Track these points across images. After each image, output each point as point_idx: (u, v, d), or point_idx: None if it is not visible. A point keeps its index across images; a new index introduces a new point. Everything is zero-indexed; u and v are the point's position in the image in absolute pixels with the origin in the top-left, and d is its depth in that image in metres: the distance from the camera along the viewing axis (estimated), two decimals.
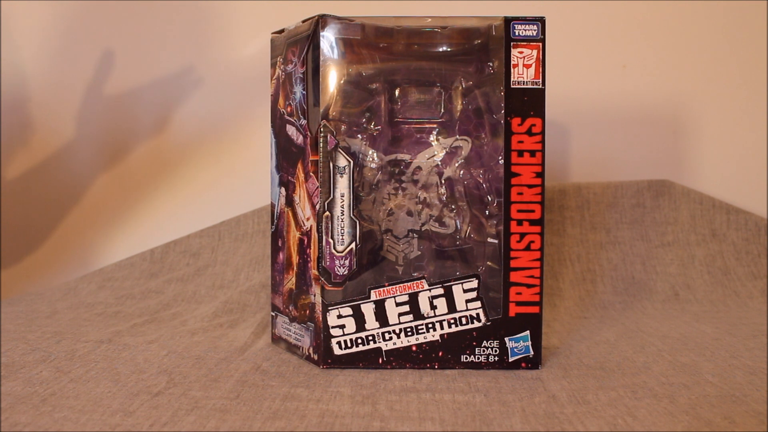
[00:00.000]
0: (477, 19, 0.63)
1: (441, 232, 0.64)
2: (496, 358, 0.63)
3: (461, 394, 0.57)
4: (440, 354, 0.63)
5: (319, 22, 0.62)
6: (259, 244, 1.00)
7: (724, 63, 1.07)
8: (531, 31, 0.62)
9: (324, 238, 0.62)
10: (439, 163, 0.64)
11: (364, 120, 0.63)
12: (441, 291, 0.63)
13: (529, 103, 0.62)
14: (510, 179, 0.62)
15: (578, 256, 1.00)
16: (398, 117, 0.64)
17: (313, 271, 0.63)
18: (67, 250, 1.10)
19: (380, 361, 0.63)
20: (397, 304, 0.63)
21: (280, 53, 0.69)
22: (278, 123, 0.70)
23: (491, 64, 0.63)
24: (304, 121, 0.64)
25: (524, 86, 0.62)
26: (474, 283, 0.63)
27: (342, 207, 0.62)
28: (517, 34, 0.62)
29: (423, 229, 0.64)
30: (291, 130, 0.67)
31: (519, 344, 0.63)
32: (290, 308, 0.68)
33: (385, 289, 0.63)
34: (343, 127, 0.62)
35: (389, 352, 0.63)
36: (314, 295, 0.64)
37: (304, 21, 0.64)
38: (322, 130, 0.62)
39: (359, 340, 0.63)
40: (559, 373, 0.63)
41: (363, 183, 0.63)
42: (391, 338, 0.63)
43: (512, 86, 0.62)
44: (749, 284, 0.96)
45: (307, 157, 0.64)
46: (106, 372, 0.62)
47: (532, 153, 0.62)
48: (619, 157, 1.08)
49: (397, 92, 0.64)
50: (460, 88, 0.63)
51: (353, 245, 0.63)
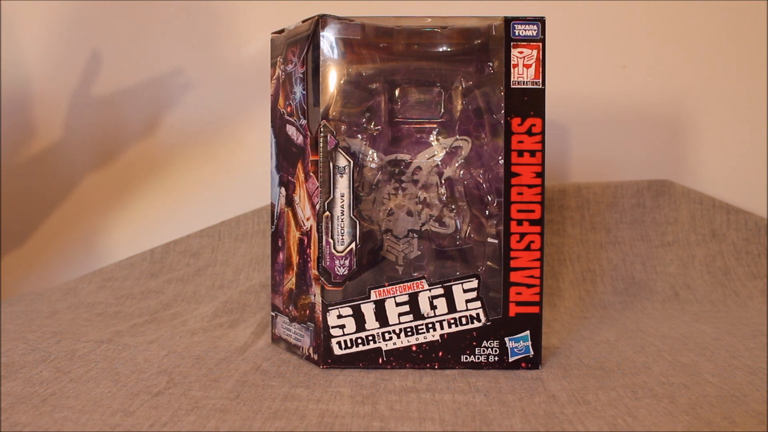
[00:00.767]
0: (477, 19, 0.63)
1: (441, 232, 0.64)
2: (496, 358, 0.63)
3: (461, 394, 0.57)
4: (440, 354, 0.63)
5: (319, 22, 0.62)
6: (259, 244, 1.00)
7: (724, 63, 1.07)
8: (531, 31, 0.62)
9: (324, 238, 0.62)
10: (439, 163, 0.64)
11: (364, 120, 0.63)
12: (441, 291, 0.63)
13: (529, 103, 0.62)
14: (510, 179, 0.62)
15: (578, 256, 1.00)
16: (398, 117, 0.64)
17: (313, 271, 0.63)
18: (67, 250, 1.10)
19: (380, 361, 0.63)
20: (397, 304, 0.63)
21: (280, 53, 0.69)
22: (278, 123, 0.70)
23: (491, 64, 0.63)
24: (304, 121, 0.64)
25: (524, 86, 0.62)
26: (474, 283, 0.63)
27: (342, 207, 0.62)
28: (517, 34, 0.62)
29: (423, 229, 0.64)
30: (291, 130, 0.67)
31: (519, 344, 0.63)
32: (290, 308, 0.68)
33: (385, 289, 0.63)
34: (343, 127, 0.62)
35: (389, 352, 0.63)
36: (314, 295, 0.64)
37: (304, 21, 0.64)
38: (322, 130, 0.62)
39: (359, 340, 0.63)
40: (559, 373, 0.63)
41: (363, 183, 0.63)
42: (391, 338, 0.63)
43: (512, 86, 0.62)
44: (749, 284, 0.96)
45: (307, 157, 0.64)
46: (106, 372, 0.62)
47: (532, 153, 0.62)
48: (619, 157, 1.08)
49: (397, 92, 0.64)
50: (460, 88, 0.63)
51: (353, 245, 0.63)
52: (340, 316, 0.63)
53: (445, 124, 0.64)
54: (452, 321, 0.63)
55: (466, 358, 0.63)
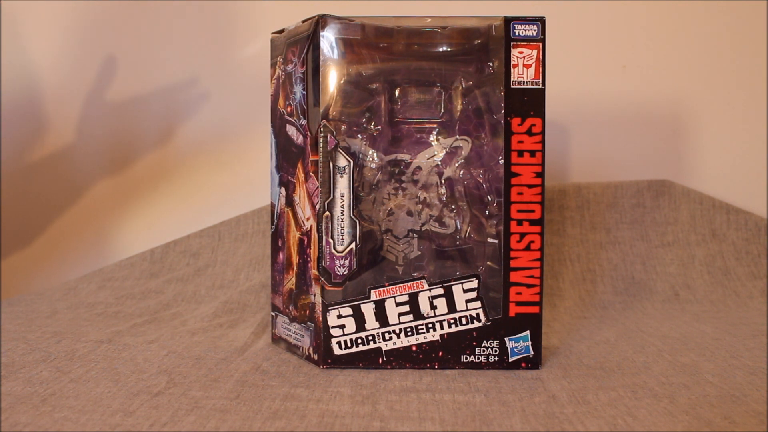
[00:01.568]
0: (477, 19, 0.63)
1: (441, 232, 0.64)
2: (496, 358, 0.63)
3: (461, 394, 0.57)
4: (440, 354, 0.63)
5: (319, 22, 0.62)
6: (259, 244, 1.00)
7: (724, 63, 1.07)
8: (531, 31, 0.62)
9: (324, 238, 0.62)
10: (439, 163, 0.64)
11: (364, 120, 0.63)
12: (441, 291, 0.63)
13: (529, 103, 0.62)
14: (510, 179, 0.62)
15: (578, 256, 1.00)
16: (398, 117, 0.64)
17: (313, 271, 0.63)
18: (67, 250, 1.10)
19: (380, 361, 0.63)
20: (397, 304, 0.63)
21: (280, 53, 0.69)
22: (278, 123, 0.70)
23: (491, 64, 0.63)
24: (304, 121, 0.64)
25: (524, 86, 0.62)
26: (474, 283, 0.63)
27: (342, 207, 0.62)
28: (517, 34, 0.62)
29: (423, 229, 0.64)
30: (291, 130, 0.67)
31: (519, 344, 0.63)
32: (290, 308, 0.68)
33: (385, 289, 0.63)
34: (343, 127, 0.62)
35: (389, 352, 0.63)
36: (314, 295, 0.64)
37: (304, 21, 0.64)
38: (322, 130, 0.62)
39: (359, 340, 0.63)
40: (559, 373, 0.63)
41: (363, 183, 0.63)
42: (391, 338, 0.63)
43: (512, 86, 0.62)
44: (749, 284, 0.96)
45: (307, 157, 0.64)
46: (106, 372, 0.62)
47: (532, 153, 0.62)
48: (619, 157, 1.08)
49: (397, 92, 0.64)
50: (460, 88, 0.63)
51: (353, 245, 0.63)
52: (340, 316, 0.63)
53: (445, 124, 0.64)
54: (452, 321, 0.63)
55: (466, 358, 0.63)
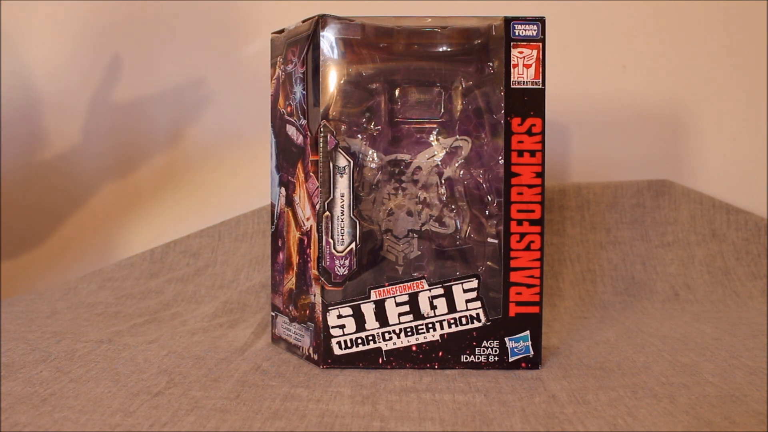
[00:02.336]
0: (477, 19, 0.63)
1: (441, 232, 0.64)
2: (496, 358, 0.63)
3: (461, 394, 0.57)
4: (440, 354, 0.63)
5: (319, 22, 0.62)
6: (259, 244, 1.00)
7: (724, 63, 1.07)
8: (531, 31, 0.62)
9: (324, 238, 0.62)
10: (439, 163, 0.64)
11: (364, 120, 0.63)
12: (441, 291, 0.63)
13: (529, 103, 0.62)
14: (510, 179, 0.62)
15: (578, 256, 1.00)
16: (398, 117, 0.64)
17: (313, 271, 0.63)
18: (67, 250, 1.10)
19: (380, 361, 0.63)
20: (397, 304, 0.63)
21: (280, 53, 0.69)
22: (278, 123, 0.70)
23: (491, 64, 0.63)
24: (304, 121, 0.64)
25: (524, 86, 0.62)
26: (474, 283, 0.63)
27: (342, 207, 0.62)
28: (517, 34, 0.62)
29: (423, 229, 0.64)
30: (291, 130, 0.67)
31: (519, 344, 0.63)
32: (290, 308, 0.68)
33: (385, 289, 0.63)
34: (343, 127, 0.62)
35: (389, 352, 0.63)
36: (314, 295, 0.64)
37: (304, 21, 0.64)
38: (322, 130, 0.62)
39: (359, 340, 0.63)
40: (559, 373, 0.63)
41: (363, 183, 0.63)
42: (391, 338, 0.63)
43: (512, 86, 0.62)
44: (749, 284, 0.96)
45: (307, 157, 0.64)
46: (106, 372, 0.62)
47: (532, 153, 0.62)
48: (619, 157, 1.08)
49: (397, 92, 0.64)
50: (460, 88, 0.63)
51: (353, 245, 0.63)
52: (340, 316, 0.63)
53: (445, 124, 0.64)
54: (452, 321, 0.63)
55: (466, 358, 0.63)
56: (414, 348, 0.63)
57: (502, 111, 0.62)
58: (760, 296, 0.94)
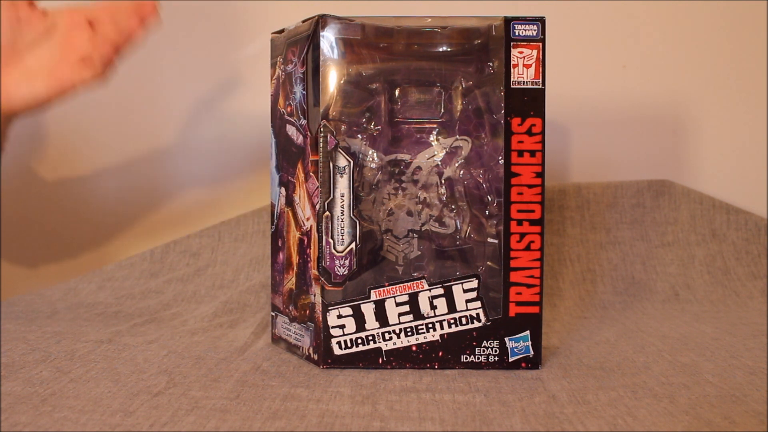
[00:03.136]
0: (477, 19, 0.63)
1: (441, 232, 0.64)
2: (496, 358, 0.63)
3: (461, 394, 0.57)
4: (440, 354, 0.63)
5: (319, 22, 0.62)
6: (259, 244, 1.00)
7: (724, 63, 1.07)
8: (531, 31, 0.62)
9: (324, 238, 0.62)
10: (439, 163, 0.64)
11: (364, 120, 0.63)
12: (441, 291, 0.63)
13: (529, 103, 0.62)
14: (510, 179, 0.62)
15: (578, 256, 1.00)
16: (398, 117, 0.64)
17: (313, 271, 0.63)
18: (68, 250, 1.10)
19: (380, 361, 0.63)
20: (397, 304, 0.63)
21: (280, 53, 0.69)
22: (278, 123, 0.70)
23: (491, 64, 0.63)
24: (304, 121, 0.64)
25: (524, 86, 0.62)
26: (474, 283, 0.63)
27: (342, 207, 0.62)
28: (517, 34, 0.62)
29: (423, 229, 0.64)
30: (291, 130, 0.67)
31: (519, 344, 0.63)
32: (290, 308, 0.68)
33: (385, 289, 0.63)
34: (343, 127, 0.62)
35: (389, 352, 0.63)
36: (314, 295, 0.64)
37: (304, 21, 0.64)
38: (322, 130, 0.62)
39: (359, 340, 0.63)
40: (559, 373, 0.63)
41: (363, 183, 0.63)
42: (391, 338, 0.63)
43: (512, 86, 0.62)
44: (749, 284, 0.96)
45: (307, 157, 0.64)
46: (106, 372, 0.62)
47: (532, 153, 0.62)
48: (619, 157, 1.08)
49: (397, 92, 0.64)
50: (460, 88, 0.63)
51: (353, 245, 0.63)
52: (340, 316, 0.63)
53: (445, 124, 0.64)
54: (452, 321, 0.63)
55: (466, 358, 0.63)
56: (414, 348, 0.63)
57: (502, 111, 0.62)
58: (760, 296, 0.94)
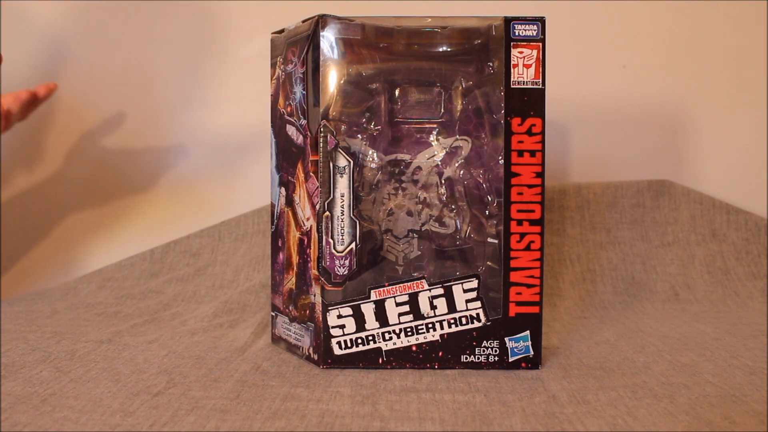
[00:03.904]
0: (477, 19, 0.63)
1: (441, 232, 0.64)
2: (496, 358, 0.63)
3: (461, 394, 0.57)
4: (440, 354, 0.63)
5: (319, 22, 0.62)
6: (259, 244, 1.00)
7: (724, 63, 1.07)
8: (531, 31, 0.62)
9: (324, 238, 0.62)
10: (439, 163, 0.64)
11: (364, 120, 0.63)
12: (441, 291, 0.63)
13: (529, 103, 0.62)
14: (510, 179, 0.62)
15: (578, 256, 1.00)
16: (398, 117, 0.64)
17: (313, 271, 0.63)
18: (67, 250, 1.10)
19: (380, 361, 0.63)
20: (397, 304, 0.63)
21: (280, 53, 0.69)
22: (278, 123, 0.70)
23: (491, 64, 0.63)
24: (304, 121, 0.64)
25: (524, 86, 0.62)
26: (474, 283, 0.63)
27: (342, 207, 0.62)
28: (517, 34, 0.62)
29: (423, 229, 0.64)
30: (291, 130, 0.67)
31: (519, 344, 0.63)
32: (290, 308, 0.68)
33: (385, 289, 0.63)
34: (343, 127, 0.62)
35: (389, 352, 0.63)
36: (314, 295, 0.64)
37: (304, 21, 0.64)
38: (322, 130, 0.62)
39: (359, 340, 0.63)
40: (559, 373, 0.63)
41: (363, 183, 0.63)
42: (391, 338, 0.63)
43: (512, 86, 0.62)
44: (749, 284, 0.96)
45: (307, 157, 0.64)
46: (106, 372, 0.62)
47: (532, 153, 0.62)
48: (619, 157, 1.08)
49: (397, 92, 0.64)
50: (460, 88, 0.63)
51: (353, 245, 0.63)
52: (340, 316, 0.63)
53: (445, 124, 0.64)
54: (452, 321, 0.63)
55: (466, 358, 0.63)
56: (414, 348, 0.63)
57: (502, 111, 0.62)
58: (760, 296, 0.94)
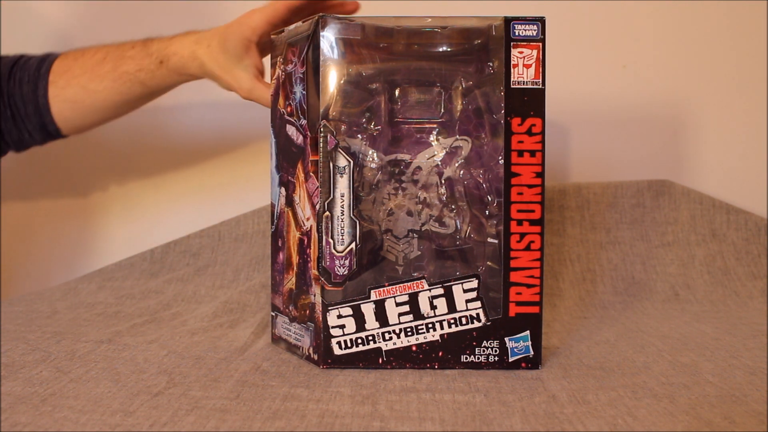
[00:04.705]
0: (477, 19, 0.63)
1: (441, 232, 0.64)
2: (496, 358, 0.63)
3: (461, 394, 0.57)
4: (440, 354, 0.63)
5: (319, 22, 0.62)
6: (259, 244, 1.00)
7: (724, 63, 1.07)
8: (531, 31, 0.62)
9: (324, 238, 0.62)
10: (439, 163, 0.64)
11: (364, 120, 0.63)
12: (441, 291, 0.63)
13: (529, 103, 0.62)
14: (510, 179, 0.62)
15: (578, 256, 1.00)
16: (398, 117, 0.64)
17: (313, 271, 0.63)
18: (67, 250, 1.10)
19: (380, 361, 0.63)
20: (397, 304, 0.63)
21: (280, 53, 0.69)
22: (278, 123, 0.70)
23: (491, 64, 0.63)
24: (304, 121, 0.64)
25: (524, 86, 0.62)
26: (474, 283, 0.63)
27: (342, 207, 0.62)
28: (517, 34, 0.62)
29: (423, 229, 0.64)
30: (291, 130, 0.67)
31: (519, 344, 0.63)
32: (290, 308, 0.68)
33: (385, 289, 0.63)
34: (343, 127, 0.62)
35: (389, 352, 0.63)
36: (314, 295, 0.64)
37: (304, 21, 0.64)
38: (322, 130, 0.62)
39: (359, 340, 0.63)
40: (559, 373, 0.63)
41: (363, 183, 0.63)
42: (391, 338, 0.63)
43: (512, 86, 0.62)
44: (749, 284, 0.96)
45: (307, 157, 0.64)
46: (106, 372, 0.62)
47: (532, 153, 0.62)
48: (619, 157, 1.08)
49: (397, 92, 0.64)
50: (460, 88, 0.63)
51: (353, 245, 0.63)
52: (340, 316, 0.63)
53: (445, 124, 0.64)
54: (452, 321, 0.63)
55: (466, 358, 0.63)
56: (414, 348, 0.63)
57: (502, 111, 0.62)
58: (760, 296, 0.94)
